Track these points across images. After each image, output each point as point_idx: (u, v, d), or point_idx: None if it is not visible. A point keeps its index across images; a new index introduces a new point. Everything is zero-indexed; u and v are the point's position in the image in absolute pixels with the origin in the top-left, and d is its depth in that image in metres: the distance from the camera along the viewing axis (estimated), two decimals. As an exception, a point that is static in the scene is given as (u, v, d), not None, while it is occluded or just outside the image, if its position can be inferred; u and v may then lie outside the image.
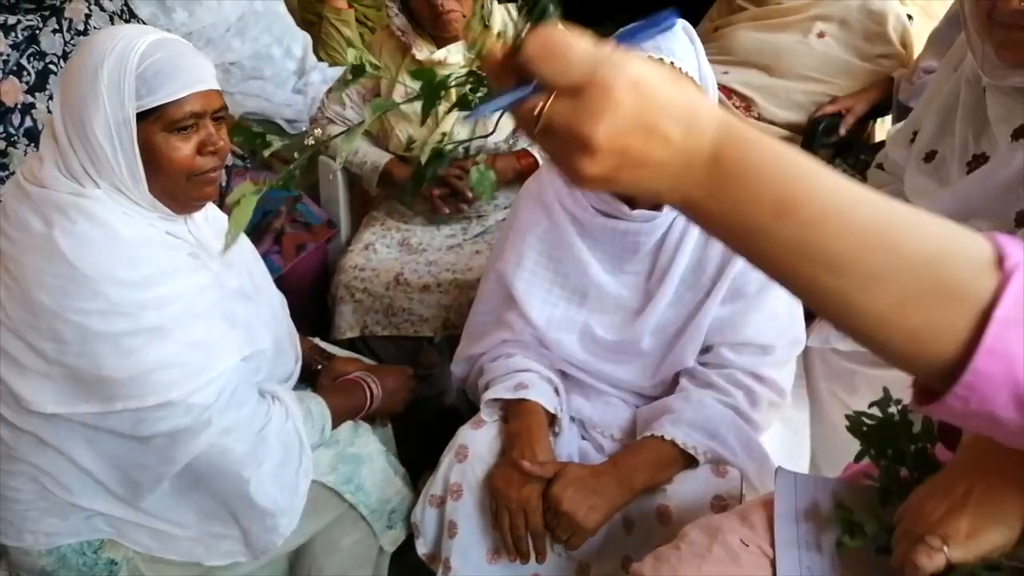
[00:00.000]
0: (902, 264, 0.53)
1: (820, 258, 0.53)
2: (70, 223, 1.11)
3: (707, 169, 0.53)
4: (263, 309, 1.38)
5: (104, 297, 1.10)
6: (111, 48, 1.11)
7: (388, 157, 2.01)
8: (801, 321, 1.38)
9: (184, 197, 1.20)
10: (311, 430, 1.35)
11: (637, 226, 1.33)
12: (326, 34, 2.78)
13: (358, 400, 1.46)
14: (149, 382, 1.13)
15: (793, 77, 2.25)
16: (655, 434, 1.28)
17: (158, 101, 1.12)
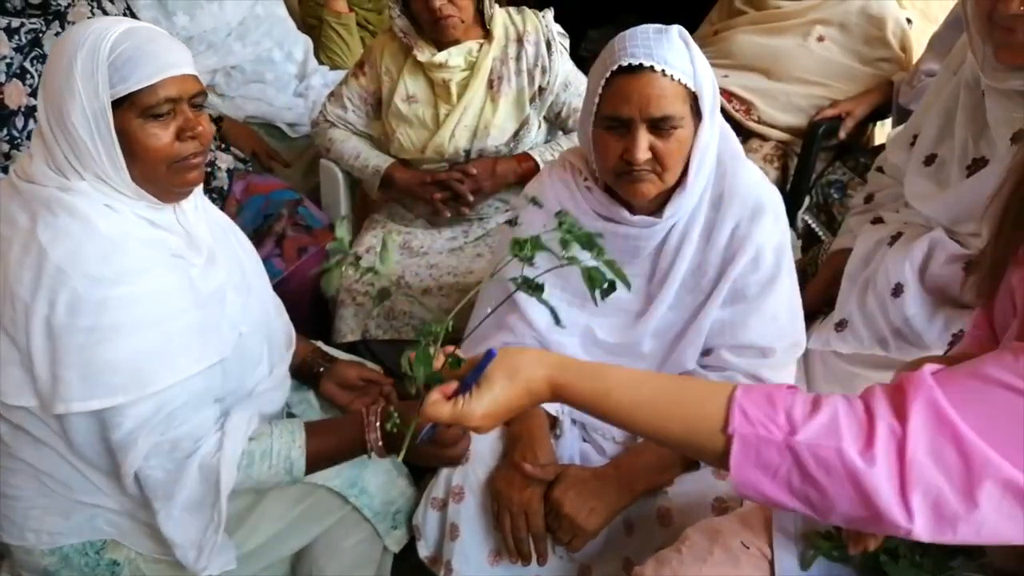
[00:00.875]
0: (669, 429, 0.86)
1: (625, 424, 0.92)
2: (52, 216, 1.12)
3: (552, 395, 0.93)
4: (252, 305, 1.36)
5: (71, 290, 1.09)
6: (83, 39, 1.11)
7: (390, 161, 2.02)
8: (801, 324, 1.39)
9: (166, 184, 1.19)
10: (267, 470, 1.24)
11: (637, 231, 1.34)
12: (327, 38, 2.79)
13: (348, 445, 1.29)
14: (98, 383, 1.11)
15: (793, 81, 2.26)
16: (656, 436, 1.28)
17: (131, 88, 1.11)
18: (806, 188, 2.14)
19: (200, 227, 1.28)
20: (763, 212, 1.32)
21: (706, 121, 1.24)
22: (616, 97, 1.23)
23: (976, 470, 0.71)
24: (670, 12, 2.51)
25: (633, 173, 1.25)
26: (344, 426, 1.30)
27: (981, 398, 0.72)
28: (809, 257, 1.84)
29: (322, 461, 1.28)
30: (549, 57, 1.94)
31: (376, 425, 1.26)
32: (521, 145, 1.99)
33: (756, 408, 0.80)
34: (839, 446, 0.75)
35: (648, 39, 1.21)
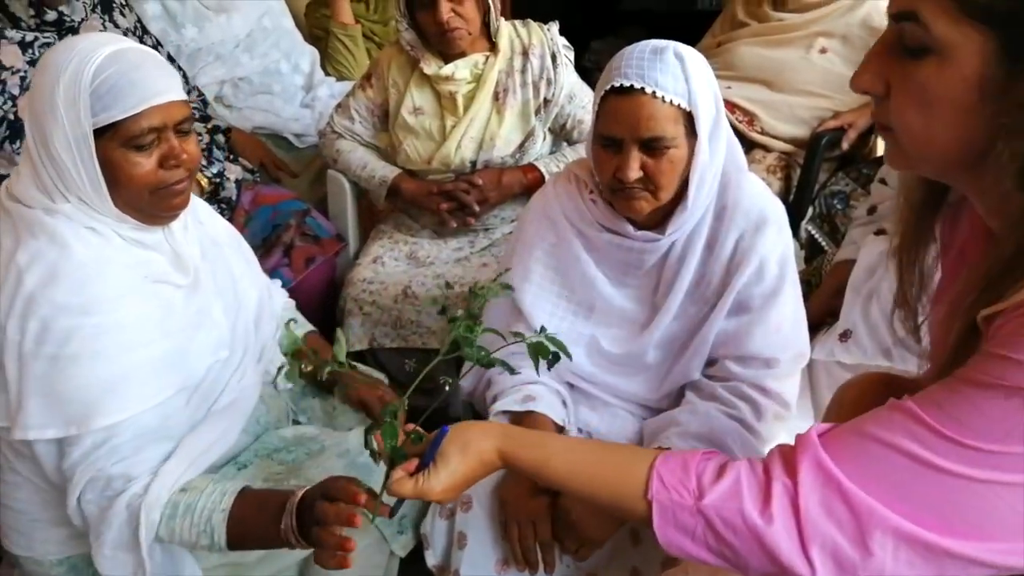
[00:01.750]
0: (599, 495, 0.93)
1: (564, 489, 1.01)
2: (33, 240, 1.10)
3: (503, 463, 1.00)
4: (239, 325, 1.33)
5: (40, 318, 1.07)
6: (66, 63, 1.09)
7: (396, 172, 2.04)
8: (805, 334, 1.40)
9: (150, 210, 1.17)
10: (188, 528, 1.13)
11: (641, 244, 1.36)
12: (333, 49, 2.81)
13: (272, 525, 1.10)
14: (56, 414, 1.09)
15: (795, 92, 2.28)
16: (663, 445, 1.29)
17: (114, 117, 1.09)
18: (809, 199, 2.16)
19: (189, 247, 1.26)
20: (767, 224, 1.33)
21: (703, 140, 1.24)
22: (609, 117, 1.25)
23: (864, 521, 0.75)
24: (673, 24, 2.54)
25: (626, 190, 1.27)
26: (276, 504, 1.12)
27: (863, 454, 0.76)
28: (812, 268, 1.85)
29: (245, 538, 1.13)
30: (554, 70, 1.96)
31: (293, 513, 1.09)
32: (526, 156, 2.00)
33: (671, 475, 0.87)
34: (741, 507, 0.81)
35: (643, 60, 1.22)
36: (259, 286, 1.45)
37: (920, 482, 0.73)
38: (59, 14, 1.80)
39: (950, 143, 0.71)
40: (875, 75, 0.74)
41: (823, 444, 0.79)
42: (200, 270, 1.26)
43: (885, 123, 0.75)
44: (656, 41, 1.25)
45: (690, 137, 1.25)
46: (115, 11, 1.99)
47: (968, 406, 0.71)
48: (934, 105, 0.70)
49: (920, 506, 0.73)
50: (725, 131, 1.30)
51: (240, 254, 1.42)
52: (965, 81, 0.68)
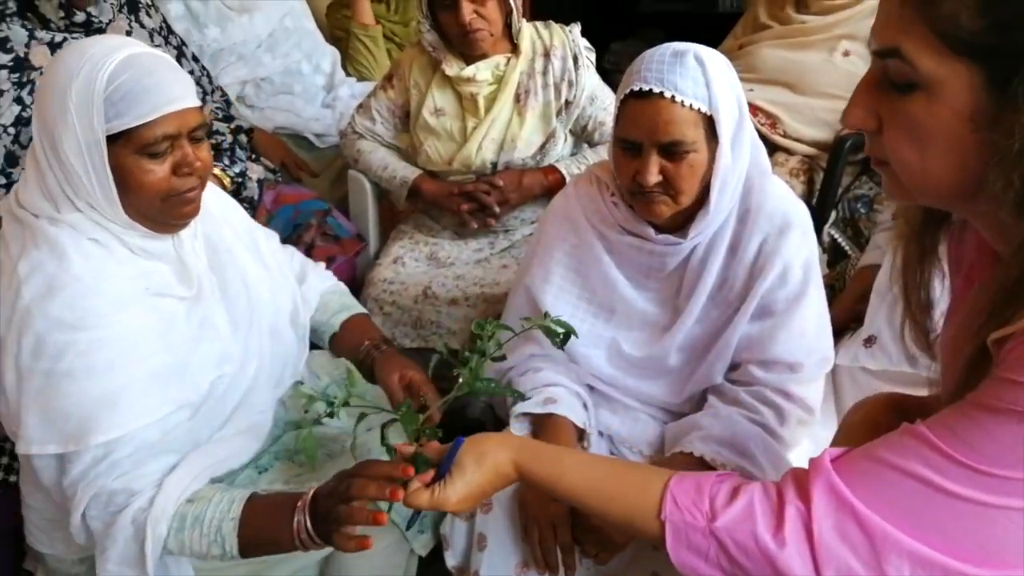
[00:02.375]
0: (613, 513, 0.94)
1: (578, 505, 0.99)
2: (35, 250, 1.09)
3: (518, 476, 1.01)
4: (252, 338, 1.31)
5: (35, 333, 1.06)
6: (79, 68, 1.06)
7: (417, 172, 2.04)
8: (830, 339, 1.39)
9: (161, 218, 1.16)
10: (198, 539, 1.12)
11: (662, 248, 1.35)
12: (354, 50, 2.82)
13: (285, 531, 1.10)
14: (54, 430, 1.08)
15: (818, 95, 2.26)
16: (684, 450, 1.29)
17: (127, 124, 1.07)
18: (832, 202, 2.14)
19: (196, 257, 1.24)
20: (791, 227, 1.32)
21: (724, 144, 1.24)
22: (628, 121, 1.25)
23: (878, 545, 0.75)
24: (693, 26, 2.53)
25: (646, 194, 1.27)
26: (287, 506, 1.11)
27: (876, 479, 0.77)
28: (836, 272, 1.84)
29: (258, 545, 1.13)
30: (576, 71, 1.96)
31: (306, 511, 1.10)
32: (547, 158, 2.00)
33: (684, 496, 0.87)
34: (754, 530, 0.82)
35: (662, 64, 1.21)
36: (282, 290, 1.41)
37: (933, 507, 0.73)
38: (87, 15, 1.81)
39: (946, 175, 0.71)
40: (866, 111, 0.74)
41: (836, 469, 0.79)
42: (204, 280, 1.24)
43: (880, 157, 0.75)
44: (677, 44, 1.24)
45: (711, 141, 1.24)
46: (141, 12, 2.00)
47: (980, 431, 0.71)
48: (927, 139, 0.70)
49: (933, 531, 0.73)
50: (749, 134, 1.29)
51: (258, 257, 1.39)
52: (956, 115, 0.67)
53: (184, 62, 2.11)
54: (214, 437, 1.26)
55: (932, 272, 0.89)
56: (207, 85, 2.18)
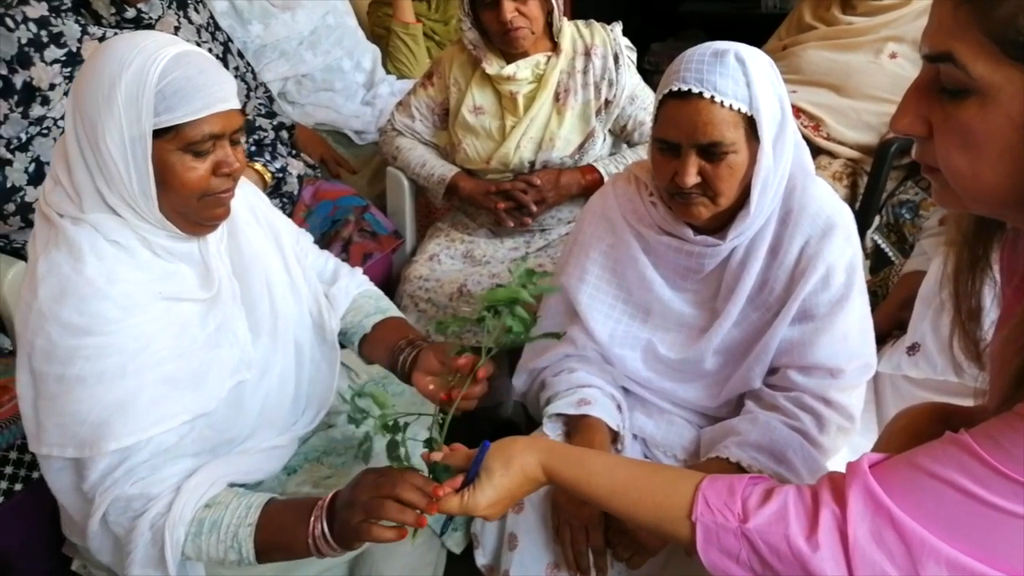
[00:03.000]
0: (641, 515, 0.94)
1: (605, 507, 0.98)
2: (55, 250, 1.09)
3: (547, 478, 1.01)
4: (275, 349, 1.29)
5: (47, 336, 1.06)
6: (130, 60, 1.06)
7: (455, 170, 2.04)
8: (872, 345, 1.35)
9: (195, 217, 1.15)
10: (215, 544, 1.12)
11: (700, 249, 1.33)
12: (394, 47, 2.84)
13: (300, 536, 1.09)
14: (65, 433, 1.08)
15: (863, 98, 2.22)
16: (720, 456, 1.27)
17: (176, 120, 1.07)
18: (876, 207, 2.10)
19: (220, 261, 1.23)
20: (834, 229, 1.30)
21: (766, 145, 1.21)
22: (666, 121, 1.23)
23: (916, 551, 0.74)
24: (735, 27, 2.50)
25: (684, 196, 1.25)
26: (303, 511, 1.10)
27: (914, 486, 0.75)
28: (879, 278, 1.80)
29: (274, 550, 1.12)
30: (616, 70, 1.94)
31: (323, 518, 1.08)
32: (586, 157, 1.99)
33: (716, 497, 0.87)
34: (786, 532, 0.81)
35: (702, 63, 1.19)
36: (305, 296, 1.39)
37: (972, 518, 0.72)
38: (137, 11, 1.84)
39: (999, 183, 0.68)
40: (915, 117, 0.72)
41: (874, 474, 0.78)
42: (225, 284, 1.23)
43: (930, 164, 0.73)
44: (718, 43, 1.23)
45: (752, 142, 1.22)
46: (189, 8, 2.03)
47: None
48: (979, 146, 0.67)
49: (973, 541, 0.72)
50: (792, 134, 1.27)
51: (283, 261, 1.36)
52: (1010, 121, 0.65)
53: (230, 58, 2.14)
54: (236, 450, 1.25)
55: (984, 280, 0.87)
56: (251, 81, 2.21)
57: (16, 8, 1.69)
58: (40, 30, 1.70)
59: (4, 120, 1.68)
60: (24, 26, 1.69)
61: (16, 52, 1.68)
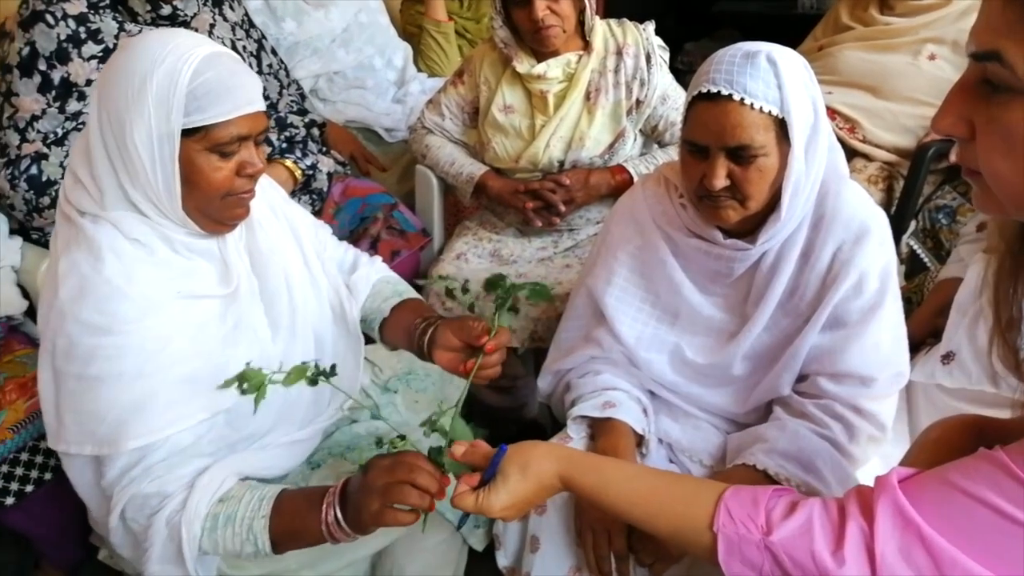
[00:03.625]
0: (660, 525, 0.93)
1: (623, 517, 0.98)
2: (76, 249, 1.10)
3: (563, 486, 1.01)
4: (295, 344, 1.29)
5: (67, 335, 1.07)
6: (162, 58, 1.06)
7: (484, 169, 2.04)
8: (906, 354, 1.33)
9: (217, 216, 1.16)
10: (231, 537, 1.13)
11: (730, 252, 1.32)
12: (426, 45, 2.84)
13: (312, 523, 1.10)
14: (83, 431, 1.10)
15: (901, 100, 2.18)
16: (746, 463, 1.25)
17: (206, 120, 1.08)
18: (912, 212, 2.06)
19: (239, 258, 1.24)
20: (868, 235, 1.27)
21: (797, 148, 1.19)
22: (695, 123, 1.22)
23: (946, 571, 0.72)
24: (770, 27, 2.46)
25: (712, 198, 1.24)
26: (315, 499, 1.12)
27: (945, 503, 0.73)
28: (914, 285, 1.77)
29: (289, 539, 1.13)
30: (648, 70, 1.93)
31: (336, 504, 1.10)
32: (616, 157, 1.97)
33: (740, 508, 0.86)
34: (811, 547, 0.79)
35: (732, 65, 1.17)
36: (325, 289, 1.40)
37: (1004, 538, 0.70)
38: (173, 8, 1.86)
39: None
40: (957, 117, 0.69)
41: (904, 489, 0.77)
42: (244, 280, 1.23)
43: (971, 167, 0.70)
44: (750, 44, 1.21)
45: (783, 145, 1.20)
46: (225, 5, 2.05)
47: None
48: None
49: (1004, 562, 0.70)
50: (825, 138, 1.24)
51: (301, 256, 1.36)
52: None
53: (263, 55, 2.15)
54: (254, 446, 1.26)
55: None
56: (283, 79, 2.22)
57: (56, 5, 1.72)
58: (79, 26, 1.73)
59: (42, 115, 1.71)
60: (64, 22, 1.72)
61: (55, 48, 1.70)
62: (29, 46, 1.70)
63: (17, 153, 1.70)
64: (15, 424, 1.45)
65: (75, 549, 1.61)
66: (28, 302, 1.60)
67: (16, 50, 1.70)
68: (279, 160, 2.00)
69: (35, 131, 1.71)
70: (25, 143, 1.70)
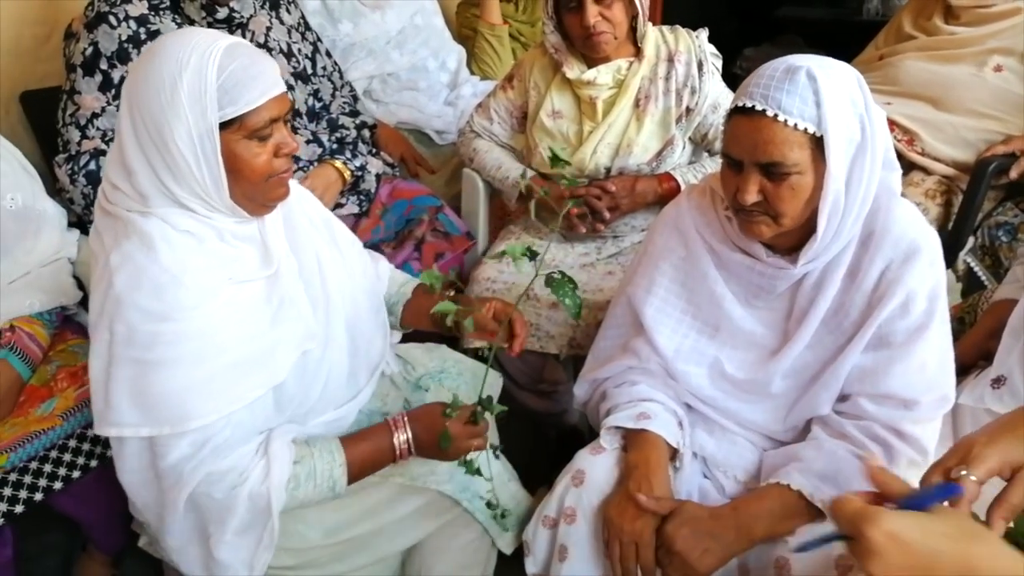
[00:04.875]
0: None
1: None
2: (126, 241, 1.13)
3: None
4: (334, 317, 1.34)
5: (126, 322, 1.10)
6: (186, 59, 1.09)
7: (530, 174, 2.03)
8: (952, 377, 1.29)
9: (262, 199, 1.20)
10: (312, 490, 1.25)
11: (772, 270, 1.29)
12: (480, 49, 2.85)
13: (382, 453, 1.32)
14: (147, 415, 1.13)
15: (963, 112, 2.12)
16: (781, 482, 1.23)
17: (240, 110, 1.12)
18: (971, 228, 2.00)
19: (277, 239, 1.28)
20: (917, 254, 1.24)
21: (834, 168, 1.15)
22: (731, 136, 1.20)
23: None
24: (832, 33, 2.42)
25: (746, 212, 1.22)
26: (377, 435, 1.31)
27: None
28: (968, 304, 1.71)
29: (362, 473, 1.30)
30: (700, 78, 1.90)
31: (405, 428, 1.31)
32: (664, 165, 1.95)
33: None
34: None
35: (771, 80, 1.15)
36: (357, 273, 1.44)
37: None
38: (229, 10, 1.90)
39: None
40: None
41: None
42: (285, 260, 1.28)
43: None
44: (795, 58, 1.18)
45: (821, 163, 1.17)
46: (281, 7, 2.09)
47: None
48: None
49: None
50: (878, 157, 1.20)
51: (333, 244, 1.42)
52: None
53: (318, 57, 2.19)
54: (294, 426, 1.31)
55: None
56: (336, 81, 2.26)
57: (120, 7, 1.78)
58: (139, 27, 1.78)
59: (101, 112, 1.77)
60: (126, 23, 1.77)
61: (116, 48, 1.76)
62: (92, 46, 1.75)
63: (77, 149, 1.76)
64: (65, 411, 1.50)
65: (119, 534, 1.66)
66: (83, 293, 1.66)
67: (80, 50, 1.76)
68: (329, 161, 2.03)
69: (95, 128, 1.77)
70: (85, 139, 1.76)
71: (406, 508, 1.40)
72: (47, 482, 1.47)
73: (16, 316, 1.55)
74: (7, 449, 1.42)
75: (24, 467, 1.45)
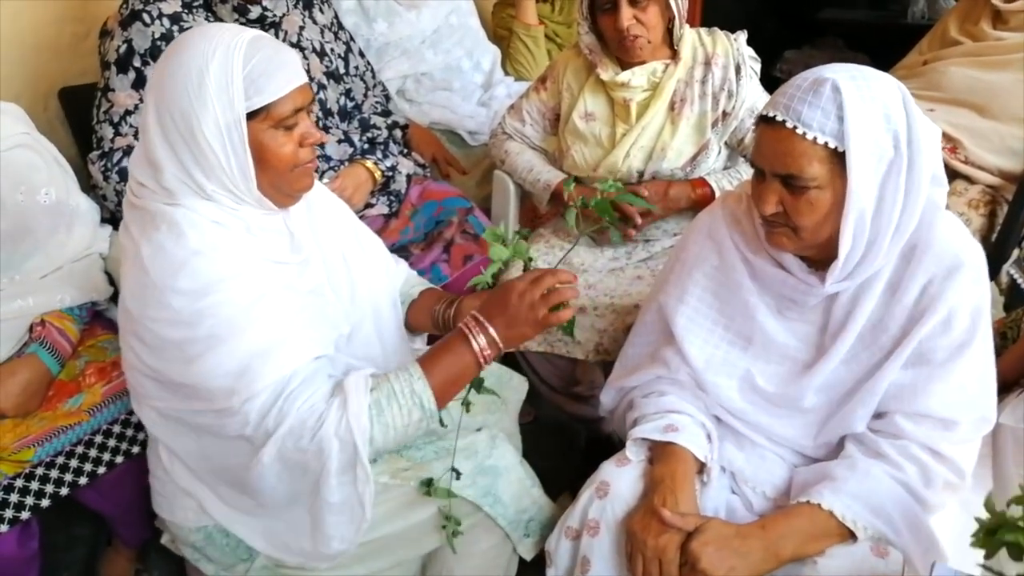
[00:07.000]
0: None
1: None
2: (155, 231, 1.15)
3: None
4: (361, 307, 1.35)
5: (168, 306, 1.13)
6: (211, 50, 1.12)
7: (561, 177, 2.01)
8: (993, 397, 1.24)
9: (288, 188, 1.22)
10: (398, 411, 1.21)
11: (803, 286, 1.27)
12: (515, 49, 2.83)
13: (462, 358, 1.23)
14: (210, 388, 1.15)
15: (1009, 120, 2.06)
16: (812, 500, 1.19)
17: (266, 100, 1.14)
18: (1016, 240, 1.94)
19: (303, 229, 1.30)
20: (960, 269, 1.20)
21: (856, 184, 1.12)
22: (756, 146, 1.20)
23: None
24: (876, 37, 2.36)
25: (767, 222, 1.21)
26: (452, 345, 1.24)
27: None
28: (1011, 319, 1.66)
29: (447, 385, 1.23)
30: (737, 82, 1.87)
31: (481, 325, 1.22)
32: (698, 170, 1.92)
33: None
34: None
35: (797, 91, 1.13)
36: (379, 267, 1.46)
37: None
38: (262, 8, 1.90)
39: None
40: None
41: None
42: (314, 249, 1.30)
43: None
44: (826, 69, 1.16)
45: (842, 179, 1.14)
46: (315, 7, 2.08)
47: None
48: None
49: None
50: (921, 173, 1.15)
51: (356, 239, 1.44)
52: None
53: (351, 57, 2.18)
54: None
55: None
56: (369, 80, 2.25)
57: (153, 4, 1.79)
58: (172, 25, 1.79)
59: (134, 110, 1.78)
60: (159, 21, 1.78)
61: (149, 46, 1.77)
62: (126, 44, 1.77)
63: (111, 146, 1.78)
64: (92, 407, 1.51)
65: (142, 528, 1.67)
66: (114, 288, 1.67)
67: (115, 47, 1.78)
68: (360, 161, 2.02)
69: (128, 125, 1.78)
70: (118, 136, 1.78)
71: (427, 512, 1.39)
72: (73, 477, 1.48)
73: (47, 311, 1.56)
74: (35, 443, 1.44)
75: (51, 462, 1.46)
